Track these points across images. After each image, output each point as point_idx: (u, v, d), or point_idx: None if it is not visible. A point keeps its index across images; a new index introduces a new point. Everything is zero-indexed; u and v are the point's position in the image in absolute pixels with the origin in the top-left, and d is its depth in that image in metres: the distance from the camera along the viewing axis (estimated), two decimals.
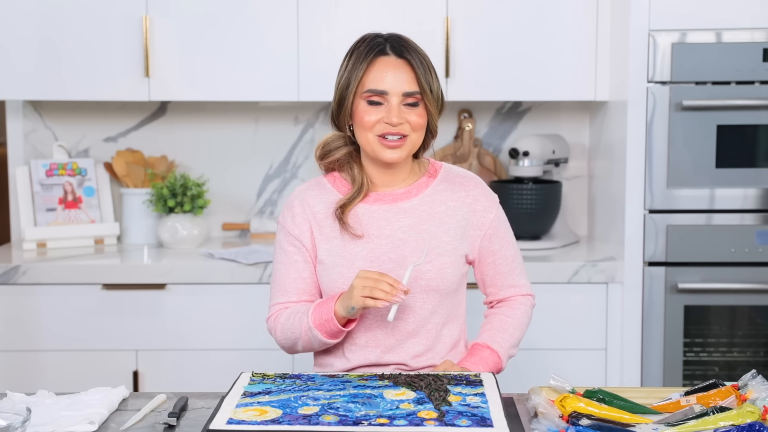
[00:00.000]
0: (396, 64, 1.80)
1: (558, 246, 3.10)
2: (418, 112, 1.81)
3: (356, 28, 2.98)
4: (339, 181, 1.91)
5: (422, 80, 1.80)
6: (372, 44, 1.82)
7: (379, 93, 1.79)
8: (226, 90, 3.02)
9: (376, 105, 1.79)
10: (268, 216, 3.35)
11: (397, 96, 1.79)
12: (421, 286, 1.83)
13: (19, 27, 2.97)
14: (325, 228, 1.87)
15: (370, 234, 1.84)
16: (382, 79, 1.79)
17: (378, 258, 1.83)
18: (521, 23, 2.98)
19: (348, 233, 1.84)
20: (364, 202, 1.86)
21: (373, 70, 1.80)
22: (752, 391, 1.61)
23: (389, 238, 1.84)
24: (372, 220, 1.85)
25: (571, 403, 1.56)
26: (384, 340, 1.85)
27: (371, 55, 1.80)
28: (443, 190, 1.89)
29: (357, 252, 1.84)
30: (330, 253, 1.85)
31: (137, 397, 1.74)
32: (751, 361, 2.81)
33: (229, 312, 2.84)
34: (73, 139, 3.33)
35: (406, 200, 1.87)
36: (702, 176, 2.77)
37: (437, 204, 1.88)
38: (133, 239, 3.22)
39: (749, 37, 2.73)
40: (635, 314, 2.79)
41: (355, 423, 1.46)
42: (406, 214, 1.86)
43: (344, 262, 1.84)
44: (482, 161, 3.30)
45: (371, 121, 1.79)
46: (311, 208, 1.89)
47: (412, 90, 1.80)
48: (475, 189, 1.91)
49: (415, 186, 1.89)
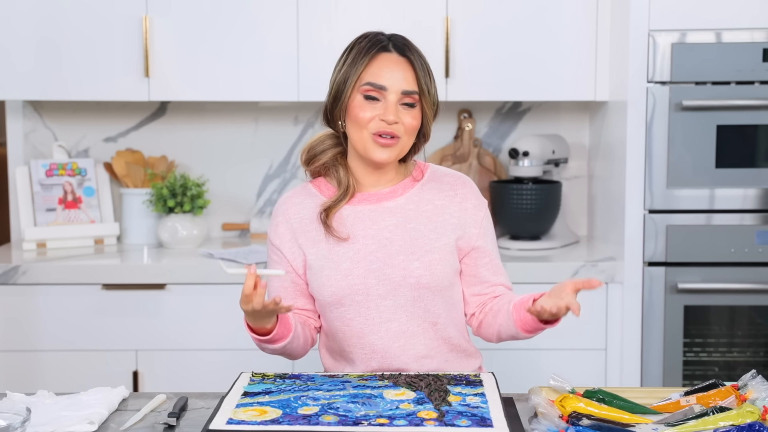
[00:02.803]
0: (398, 62, 1.79)
1: (558, 246, 3.10)
2: (413, 114, 1.80)
3: (356, 28, 2.96)
4: (325, 186, 1.90)
5: (422, 81, 1.79)
6: (374, 40, 1.82)
7: (378, 87, 1.78)
8: (226, 90, 3.02)
9: (373, 101, 1.78)
10: (268, 216, 3.35)
11: (396, 93, 1.78)
12: (411, 284, 1.81)
13: (19, 27, 2.97)
14: (311, 233, 1.86)
15: (356, 235, 1.83)
16: (382, 75, 1.78)
17: (365, 258, 1.82)
18: (521, 23, 2.98)
19: (333, 236, 1.83)
20: (349, 203, 1.85)
21: (373, 65, 1.79)
22: (752, 391, 1.61)
23: (375, 238, 1.83)
24: (357, 221, 1.84)
25: (571, 403, 1.56)
26: (381, 344, 1.83)
27: (373, 50, 1.79)
28: (430, 189, 1.88)
29: (343, 254, 1.83)
30: (317, 257, 1.84)
31: (137, 397, 1.74)
32: (751, 361, 2.81)
33: (229, 312, 2.83)
34: (73, 139, 3.33)
35: (392, 200, 1.86)
36: (702, 176, 2.77)
37: (424, 203, 1.87)
38: (132, 239, 3.22)
39: (749, 37, 2.73)
40: (635, 314, 2.79)
41: (355, 423, 1.46)
42: (392, 213, 1.85)
43: (331, 264, 1.83)
44: (482, 161, 3.30)
45: (366, 118, 1.78)
46: (296, 215, 1.88)
47: (411, 89, 1.79)
48: (464, 188, 1.90)
49: (401, 186, 1.88)
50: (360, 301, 1.82)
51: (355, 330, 1.84)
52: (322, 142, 1.90)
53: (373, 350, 1.83)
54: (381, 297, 1.82)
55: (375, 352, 1.84)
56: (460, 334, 1.91)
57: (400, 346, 1.84)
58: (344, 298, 1.82)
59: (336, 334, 1.87)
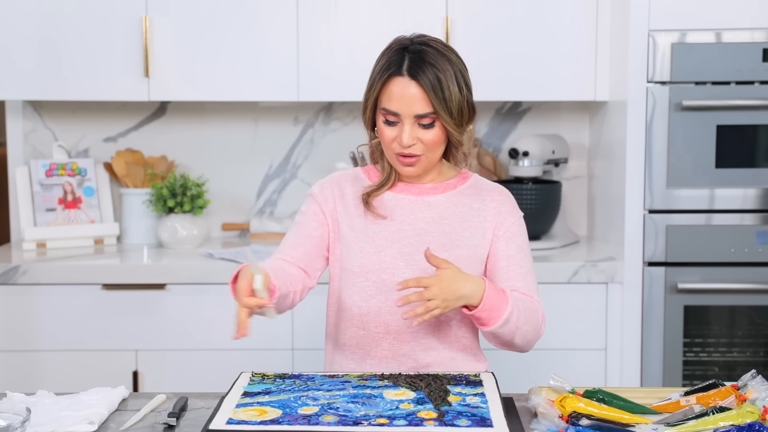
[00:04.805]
0: (409, 85, 1.78)
1: (558, 246, 3.10)
2: (432, 132, 1.81)
3: (356, 28, 3.00)
4: (373, 173, 1.95)
5: (434, 101, 1.77)
6: (392, 59, 1.80)
7: (392, 113, 1.80)
8: (225, 90, 3.02)
9: (391, 125, 1.81)
10: (268, 216, 3.35)
11: (409, 118, 1.79)
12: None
13: (19, 27, 2.97)
14: (351, 209, 1.90)
15: (394, 218, 1.88)
16: (393, 101, 1.79)
17: (399, 240, 1.86)
18: (521, 23, 2.98)
19: (372, 214, 1.87)
20: (391, 190, 1.90)
21: (387, 89, 1.80)
22: (752, 391, 1.61)
23: (411, 225, 1.87)
24: (396, 206, 1.89)
25: (571, 403, 1.56)
26: (395, 325, 1.85)
27: (386, 74, 1.80)
28: (470, 194, 1.92)
29: (379, 232, 1.87)
30: (352, 230, 1.88)
31: (137, 397, 1.74)
32: (751, 361, 2.81)
33: (229, 312, 2.82)
34: (73, 139, 3.33)
35: (432, 195, 1.90)
36: (702, 176, 2.77)
37: (461, 204, 1.90)
38: (132, 239, 3.22)
39: (749, 37, 2.73)
40: (635, 314, 2.79)
41: (354, 423, 1.46)
42: (430, 207, 1.89)
43: (366, 238, 1.87)
44: (482, 161, 3.30)
45: (388, 139, 1.82)
46: (341, 189, 1.93)
47: (425, 112, 1.78)
48: (501, 196, 1.93)
49: (443, 185, 1.92)
50: (385, 279, 1.84)
51: (373, 307, 1.86)
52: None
53: (386, 330, 1.85)
54: None
55: (388, 332, 1.85)
56: (471, 336, 1.93)
57: (412, 333, 1.85)
58: (371, 273, 1.85)
59: (352, 308, 1.88)
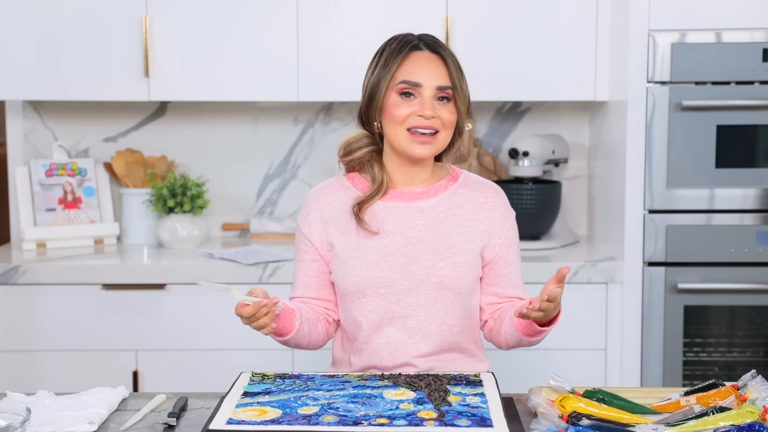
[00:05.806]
0: (430, 59, 1.84)
1: (558, 246, 3.10)
2: (449, 108, 1.84)
3: (356, 28, 3.00)
4: (359, 180, 1.93)
5: (454, 76, 1.84)
6: (405, 40, 1.86)
7: (413, 84, 1.82)
8: (225, 90, 3.02)
9: (409, 97, 1.82)
10: (268, 216, 3.35)
11: (431, 89, 1.82)
12: (434, 283, 1.84)
13: (19, 27, 2.97)
14: (341, 224, 1.89)
15: (386, 230, 1.86)
16: (416, 72, 1.82)
17: (392, 253, 1.85)
18: (520, 23, 2.98)
19: (363, 229, 1.86)
20: (381, 199, 1.89)
21: (407, 63, 1.83)
22: (752, 391, 1.61)
23: (404, 235, 1.86)
24: (388, 216, 1.87)
25: (571, 403, 1.56)
26: (396, 336, 1.85)
27: (405, 50, 1.84)
28: (462, 194, 1.91)
29: (371, 246, 1.86)
30: (345, 247, 1.87)
31: (137, 397, 1.74)
32: (751, 361, 2.81)
33: (229, 312, 2.81)
34: (73, 139, 3.33)
35: (424, 200, 1.89)
36: (702, 176, 2.77)
37: (455, 207, 1.90)
38: (132, 239, 3.22)
39: (749, 37, 2.73)
40: (635, 314, 2.79)
41: (354, 423, 1.46)
42: (423, 213, 1.88)
43: (358, 255, 1.86)
44: (482, 161, 3.30)
45: (403, 115, 1.82)
46: (328, 205, 1.91)
47: (446, 84, 1.83)
48: (495, 197, 1.93)
49: (434, 187, 1.91)
50: (382, 293, 1.84)
51: (373, 321, 1.86)
52: (359, 140, 1.94)
53: (387, 341, 1.85)
54: (403, 292, 1.84)
55: (389, 343, 1.86)
56: (472, 341, 1.93)
57: (414, 343, 1.86)
58: (367, 290, 1.85)
59: (353, 323, 1.89)
